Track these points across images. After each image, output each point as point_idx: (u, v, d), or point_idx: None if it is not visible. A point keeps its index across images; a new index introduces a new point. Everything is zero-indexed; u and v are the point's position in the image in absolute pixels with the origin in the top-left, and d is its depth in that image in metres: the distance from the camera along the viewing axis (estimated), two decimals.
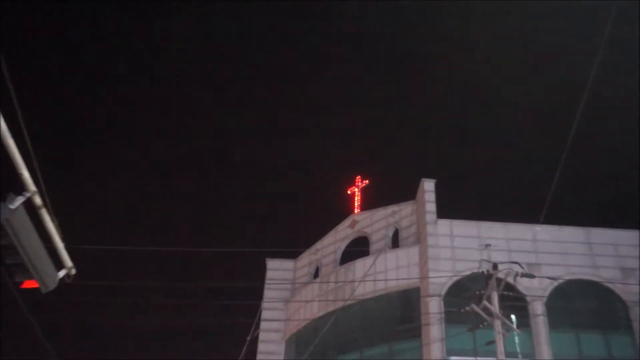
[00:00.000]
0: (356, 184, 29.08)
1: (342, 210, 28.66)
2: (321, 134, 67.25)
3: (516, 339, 17.00)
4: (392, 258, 23.94)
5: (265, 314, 27.87)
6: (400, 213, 25.70)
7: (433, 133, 65.18)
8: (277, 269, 29.48)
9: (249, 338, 25.13)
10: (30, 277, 6.64)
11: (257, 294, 28.73)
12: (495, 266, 16.06)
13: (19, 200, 6.31)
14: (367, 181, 28.98)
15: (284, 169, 65.66)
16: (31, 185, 6.60)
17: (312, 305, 26.22)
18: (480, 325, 15.17)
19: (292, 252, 29.99)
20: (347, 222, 28.02)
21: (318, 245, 29.07)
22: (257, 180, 65.20)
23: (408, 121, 65.54)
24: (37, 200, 6.82)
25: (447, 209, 23.47)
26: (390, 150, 64.42)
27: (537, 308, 20.90)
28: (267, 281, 28.78)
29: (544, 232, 22.51)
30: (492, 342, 14.91)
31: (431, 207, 23.30)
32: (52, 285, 7.00)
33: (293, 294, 28.66)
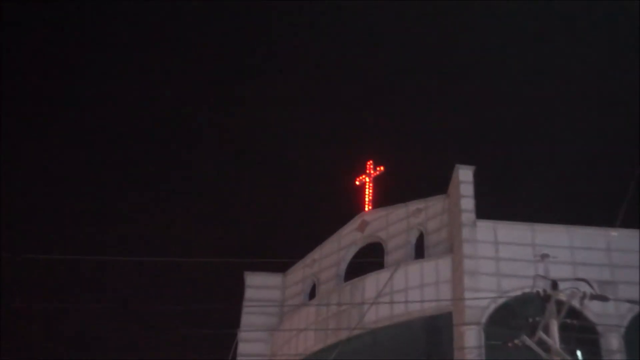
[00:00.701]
0: (367, 171, 29.12)
1: (348, 208, 28.88)
2: (319, 104, 66.91)
3: None
4: (415, 272, 23.99)
5: (242, 348, 27.98)
6: (427, 212, 25.69)
7: (472, 104, 64.82)
8: (259, 287, 29.58)
9: None
10: None
11: (232, 320, 28.74)
12: (555, 285, 16.19)
13: None
14: (381, 168, 29.04)
15: (265, 147, 65.36)
16: None
17: (306, 336, 26.34)
18: None
19: (279, 263, 30.22)
20: (354, 224, 28.01)
21: (315, 254, 29.09)
22: (228, 158, 65.12)
23: (437, 87, 65.17)
24: None
25: (490, 207, 23.51)
26: (413, 127, 64.05)
27: (612, 341, 20.85)
28: (245, 303, 28.81)
29: (621, 240, 22.56)
30: None
31: (468, 203, 23.29)
32: None
33: (281, 321, 28.66)
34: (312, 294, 28.49)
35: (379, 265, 25.82)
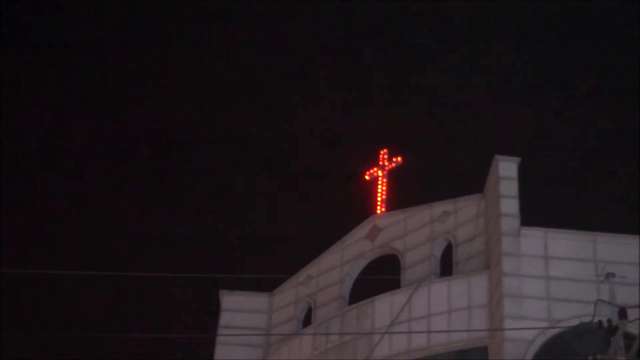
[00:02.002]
0: (380, 163, 29.33)
1: (355, 209, 29.62)
2: (317, 81, 66.78)
3: None
4: (441, 294, 24.05)
5: None
6: (456, 216, 25.75)
7: (514, 82, 64.62)
8: (239, 310, 29.65)
9: None
10: None
11: (203, 352, 29.39)
12: (623, 312, 16.29)
13: None
14: (398, 159, 29.23)
15: (253, 135, 65.36)
16: None
17: None
18: None
19: (264, 280, 30.36)
20: (363, 230, 28.07)
21: (311, 269, 29.18)
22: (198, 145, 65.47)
23: (474, 57, 64.88)
24: None
25: (540, 211, 24.24)
26: (440, 107, 63.82)
27: None
28: (220, 330, 28.94)
29: None
30: None
31: (511, 206, 23.34)
32: None
33: (266, 354, 28.73)
34: (307, 320, 28.50)
35: (393, 284, 25.86)
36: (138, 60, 69.87)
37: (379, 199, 28.44)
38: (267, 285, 30.26)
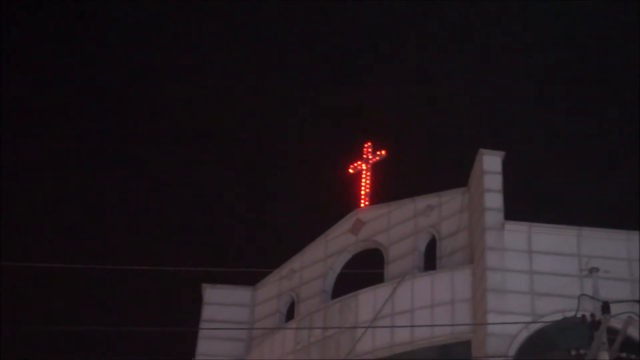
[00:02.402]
0: (364, 156, 29.30)
1: (338, 203, 29.08)
2: (304, 72, 66.70)
3: None
4: (425, 289, 24.08)
5: None
6: (440, 210, 25.74)
7: (502, 73, 64.69)
8: (221, 304, 29.67)
9: None
10: None
11: (185, 346, 29.03)
12: (606, 307, 16.44)
13: None
14: (383, 152, 29.21)
15: (234, 125, 65.31)
16: None
17: None
18: None
19: (247, 274, 30.18)
20: (346, 224, 28.09)
21: (295, 262, 29.19)
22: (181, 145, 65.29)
23: (459, 48, 64.85)
24: None
25: (523, 205, 24.21)
26: (424, 99, 63.73)
27: None
28: (202, 324, 28.96)
29: None
30: None
31: (495, 200, 23.38)
32: None
33: (249, 348, 28.78)
34: (289, 314, 28.51)
35: (377, 278, 25.86)
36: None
37: (362, 192, 28.40)
38: (249, 278, 30.26)
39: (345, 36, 69.00)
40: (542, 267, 22.14)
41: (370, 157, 29.03)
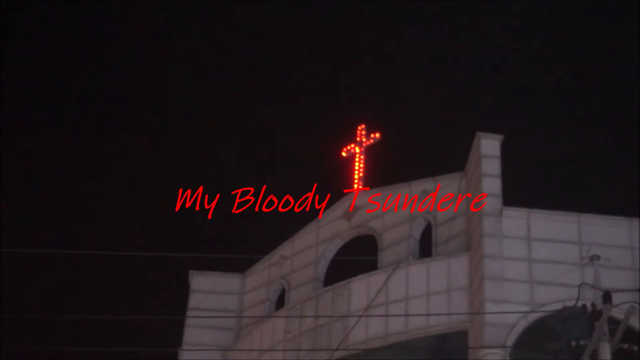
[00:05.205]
0: (358, 138, 29.29)
1: (330, 187, 29.26)
2: (294, 52, 66.63)
3: None
4: (420, 277, 24.07)
5: None
6: (436, 195, 25.56)
7: (498, 58, 64.64)
8: (209, 292, 29.61)
9: None
10: None
11: (171, 335, 29.19)
12: (607, 297, 16.63)
13: None
14: (377, 135, 29.19)
15: (221, 107, 65.38)
16: None
17: (272, 358, 26.50)
18: None
19: (236, 260, 30.15)
20: (338, 210, 28.07)
21: (285, 249, 29.15)
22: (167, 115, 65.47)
23: (457, 26, 64.71)
24: None
25: (523, 190, 24.34)
26: (420, 80, 63.69)
27: None
28: (189, 312, 28.93)
29: None
30: None
31: (493, 185, 23.47)
32: None
33: (238, 337, 28.74)
34: (280, 303, 28.46)
35: (370, 265, 25.83)
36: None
37: (356, 176, 28.34)
38: (238, 265, 30.17)
39: (341, 17, 69.35)
40: (542, 255, 22.18)
41: (364, 140, 29.00)
